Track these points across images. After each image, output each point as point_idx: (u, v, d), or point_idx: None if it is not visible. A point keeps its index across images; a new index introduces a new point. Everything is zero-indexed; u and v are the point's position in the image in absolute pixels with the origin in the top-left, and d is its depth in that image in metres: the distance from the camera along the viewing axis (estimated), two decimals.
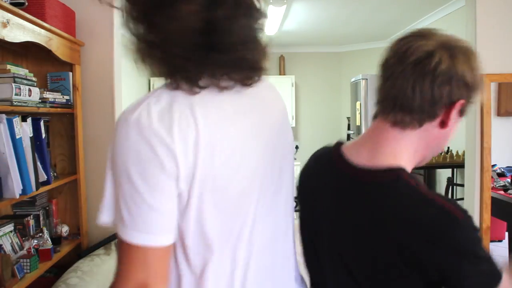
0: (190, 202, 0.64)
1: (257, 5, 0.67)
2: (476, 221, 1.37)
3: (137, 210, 0.61)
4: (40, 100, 1.83)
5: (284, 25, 4.56)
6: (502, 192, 2.80)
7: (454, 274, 0.73)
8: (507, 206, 2.68)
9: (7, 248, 1.73)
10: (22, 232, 1.88)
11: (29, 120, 1.75)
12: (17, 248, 1.79)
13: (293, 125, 5.71)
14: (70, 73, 2.12)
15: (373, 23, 4.54)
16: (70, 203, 2.21)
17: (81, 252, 2.06)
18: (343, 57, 5.93)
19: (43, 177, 1.84)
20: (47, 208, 2.11)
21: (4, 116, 1.59)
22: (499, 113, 3.13)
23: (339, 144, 0.90)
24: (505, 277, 0.74)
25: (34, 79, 1.82)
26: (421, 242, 0.72)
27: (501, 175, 3.07)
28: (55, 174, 2.08)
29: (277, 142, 0.77)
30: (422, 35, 0.83)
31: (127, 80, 3.82)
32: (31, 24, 1.68)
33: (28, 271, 1.72)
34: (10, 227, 1.80)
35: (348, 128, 5.21)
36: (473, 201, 2.41)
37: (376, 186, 0.78)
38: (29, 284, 1.67)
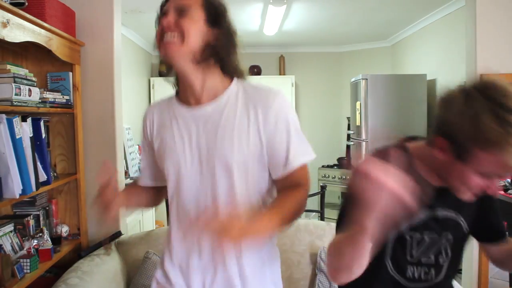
0: None
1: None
2: None
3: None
4: (40, 100, 1.83)
5: (284, 25, 4.56)
6: (502, 192, 2.80)
7: None
8: (507, 206, 2.69)
9: (7, 248, 1.73)
10: (22, 232, 1.88)
11: (29, 120, 1.75)
12: (17, 248, 1.79)
13: None
14: (70, 73, 2.12)
15: (373, 23, 4.54)
16: (70, 203, 2.21)
17: (81, 252, 2.06)
18: (343, 57, 5.92)
19: (43, 177, 1.84)
20: (47, 208, 2.11)
21: (4, 116, 1.59)
22: None
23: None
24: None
25: (34, 79, 1.82)
26: None
27: None
28: (55, 174, 2.08)
29: None
30: None
31: (127, 80, 3.83)
32: (31, 24, 1.68)
33: (28, 271, 1.72)
34: (10, 227, 1.80)
35: (348, 128, 5.21)
36: None
37: None
38: (29, 284, 1.67)
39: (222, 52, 1.09)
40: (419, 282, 1.10)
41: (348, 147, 5.26)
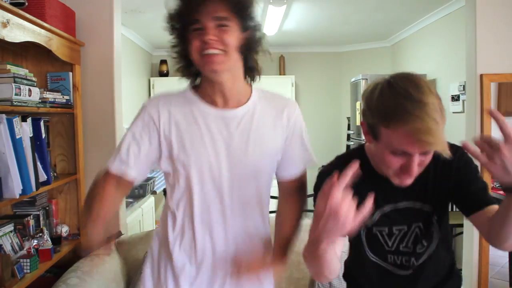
0: None
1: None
2: None
3: None
4: (40, 100, 1.83)
5: (284, 25, 4.56)
6: (502, 192, 2.80)
7: None
8: None
9: (7, 248, 1.74)
10: (22, 232, 1.88)
11: (29, 120, 1.75)
12: (17, 248, 1.79)
13: None
14: (70, 73, 2.12)
15: (373, 23, 4.54)
16: (70, 203, 2.21)
17: (81, 252, 2.06)
18: (343, 57, 5.92)
19: (43, 177, 1.84)
20: (47, 208, 2.11)
21: (4, 116, 1.59)
22: None
23: None
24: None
25: (34, 79, 1.82)
26: None
27: None
28: (55, 174, 2.08)
29: None
30: None
31: (127, 80, 3.82)
32: (31, 24, 1.68)
33: (28, 271, 1.72)
34: (10, 227, 1.80)
35: (348, 128, 5.21)
36: None
37: None
38: (29, 284, 1.67)
39: (251, 53, 1.15)
40: (402, 268, 1.13)
41: (348, 147, 5.26)
